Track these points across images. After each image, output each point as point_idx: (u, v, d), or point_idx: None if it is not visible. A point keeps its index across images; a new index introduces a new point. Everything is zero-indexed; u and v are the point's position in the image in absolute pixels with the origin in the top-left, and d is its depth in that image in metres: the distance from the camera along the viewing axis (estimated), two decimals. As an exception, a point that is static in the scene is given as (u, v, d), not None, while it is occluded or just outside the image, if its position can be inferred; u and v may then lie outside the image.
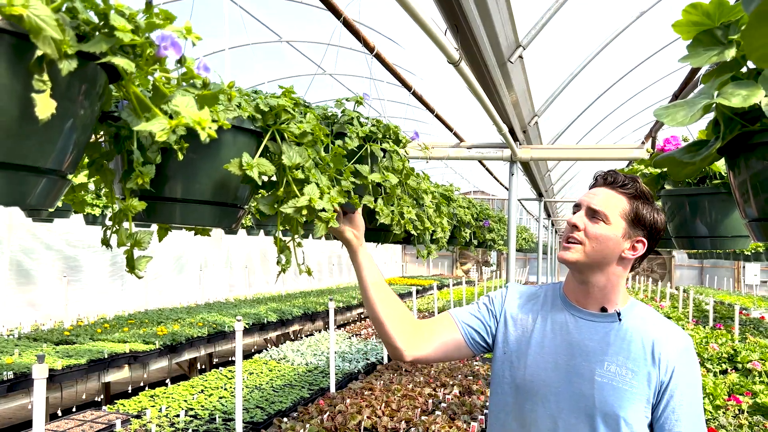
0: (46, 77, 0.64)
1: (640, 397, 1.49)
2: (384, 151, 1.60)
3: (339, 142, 1.45)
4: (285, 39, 6.63)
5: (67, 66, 0.65)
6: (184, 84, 0.84)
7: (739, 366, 5.14)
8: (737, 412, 3.60)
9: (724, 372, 5.07)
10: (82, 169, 1.11)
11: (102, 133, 1.01)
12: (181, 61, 0.82)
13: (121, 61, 0.69)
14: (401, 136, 1.71)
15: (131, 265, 1.07)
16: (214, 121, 0.85)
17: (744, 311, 10.73)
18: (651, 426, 1.52)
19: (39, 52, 0.63)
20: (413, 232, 2.09)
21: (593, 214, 1.55)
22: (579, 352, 1.56)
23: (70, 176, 0.83)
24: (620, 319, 1.56)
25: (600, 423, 1.49)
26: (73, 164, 0.80)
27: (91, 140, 1.03)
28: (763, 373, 4.70)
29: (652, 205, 1.58)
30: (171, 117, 0.75)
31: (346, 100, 1.63)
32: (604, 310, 1.59)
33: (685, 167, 1.17)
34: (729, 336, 6.53)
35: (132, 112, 0.77)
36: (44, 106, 0.62)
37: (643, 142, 5.11)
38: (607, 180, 1.60)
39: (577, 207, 1.61)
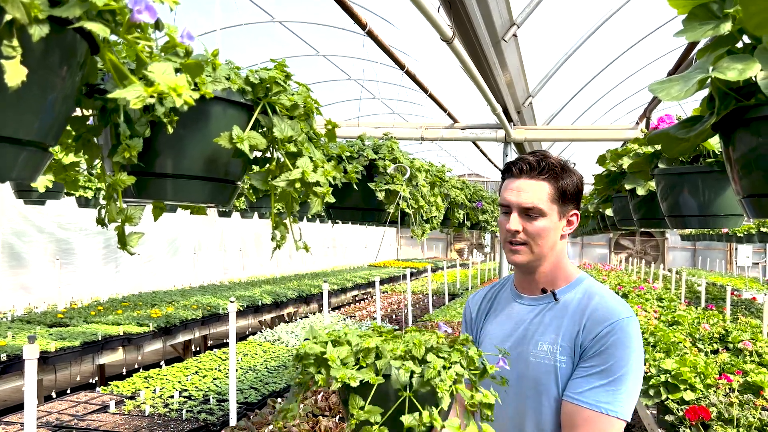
0: (15, 43, 0.62)
1: (572, 371, 1.48)
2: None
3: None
4: (278, 19, 6.56)
5: (38, 31, 0.63)
6: (166, 54, 0.82)
7: (731, 346, 5.18)
8: (728, 390, 3.64)
9: (715, 352, 5.12)
10: (73, 148, 1.09)
11: (89, 107, 0.99)
12: (157, 26, 0.80)
13: (94, 26, 0.67)
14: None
15: (122, 242, 1.06)
16: (195, 89, 0.83)
17: (736, 292, 10.80)
18: None
19: (8, 17, 0.61)
20: (407, 210, 2.09)
21: (527, 212, 1.52)
22: (518, 336, 1.57)
23: (52, 149, 0.81)
24: (557, 299, 1.56)
25: (541, 401, 1.50)
26: (55, 136, 0.78)
27: (78, 114, 1.01)
28: (753, 353, 4.75)
29: (569, 170, 1.56)
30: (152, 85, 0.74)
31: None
32: (544, 291, 1.59)
33: (679, 143, 1.16)
34: (721, 316, 6.58)
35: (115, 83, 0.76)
36: (14, 73, 0.60)
37: (637, 123, 5.10)
38: (523, 170, 1.54)
39: (506, 207, 1.56)
